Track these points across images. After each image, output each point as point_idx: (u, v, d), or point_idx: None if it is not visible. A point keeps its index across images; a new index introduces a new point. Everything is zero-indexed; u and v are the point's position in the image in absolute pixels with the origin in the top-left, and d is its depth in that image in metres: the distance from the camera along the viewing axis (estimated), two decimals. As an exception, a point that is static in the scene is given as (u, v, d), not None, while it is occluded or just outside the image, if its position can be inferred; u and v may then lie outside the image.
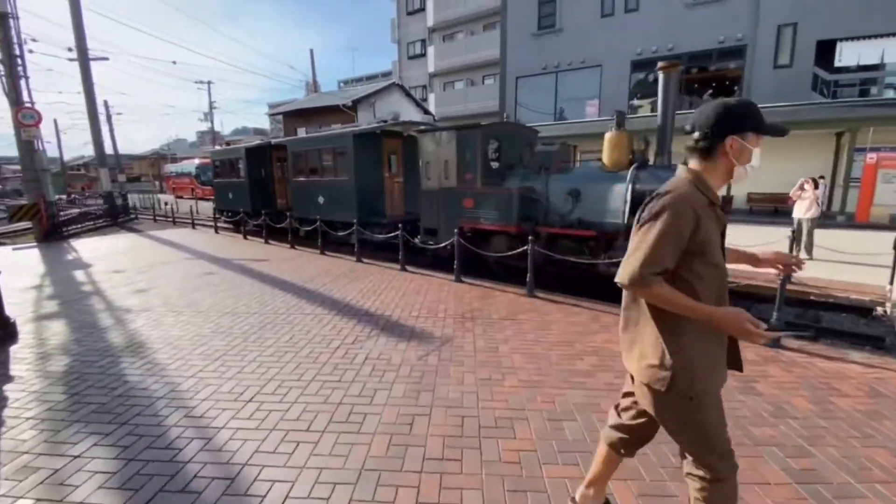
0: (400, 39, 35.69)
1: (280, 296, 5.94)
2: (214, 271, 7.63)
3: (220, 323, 4.88)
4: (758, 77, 17.69)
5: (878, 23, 15.01)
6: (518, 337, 4.33)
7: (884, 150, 13.75)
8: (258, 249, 10.09)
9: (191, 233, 13.68)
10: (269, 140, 12.73)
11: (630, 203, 6.07)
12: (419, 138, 8.10)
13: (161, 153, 62.73)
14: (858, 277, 7.04)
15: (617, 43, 20.57)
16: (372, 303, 5.54)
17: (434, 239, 8.15)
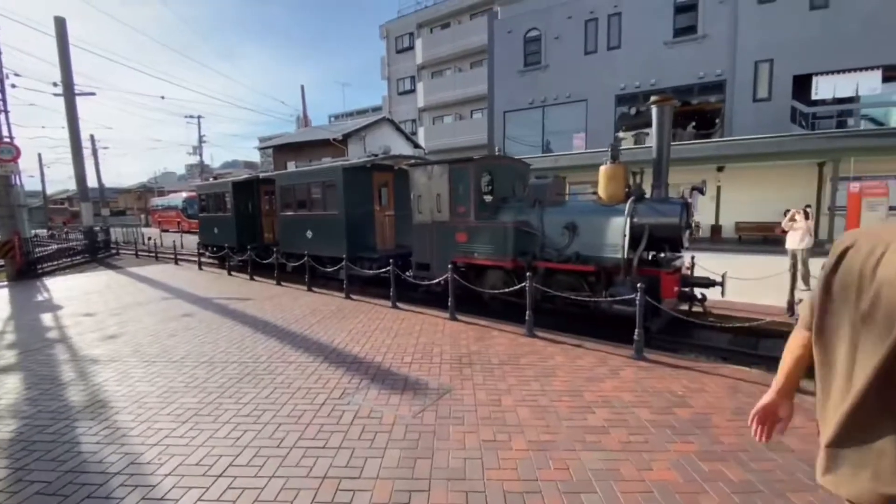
0: (390, 76, 36.50)
1: (262, 340, 5.53)
2: (193, 312, 7.18)
3: (194, 375, 4.45)
4: (738, 110, 18.20)
5: (850, 58, 15.65)
6: (521, 386, 3.99)
7: (866, 179, 14.00)
8: (242, 287, 9.67)
9: (173, 269, 13.19)
10: (256, 174, 12.52)
11: (629, 237, 5.88)
12: (410, 172, 7.94)
13: (148, 186, 62.30)
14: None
15: (601, 78, 21.17)
16: (361, 346, 5.17)
17: (427, 274, 7.86)
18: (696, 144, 17.91)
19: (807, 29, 16.45)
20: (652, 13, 19.62)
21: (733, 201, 17.39)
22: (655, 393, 3.83)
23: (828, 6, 16.02)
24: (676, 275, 5.86)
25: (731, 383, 4.03)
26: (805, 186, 16.18)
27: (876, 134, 14.70)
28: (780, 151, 15.31)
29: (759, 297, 7.50)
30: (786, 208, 15.95)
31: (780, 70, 17.20)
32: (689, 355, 5.43)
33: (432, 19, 32.66)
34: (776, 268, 9.06)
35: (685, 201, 5.85)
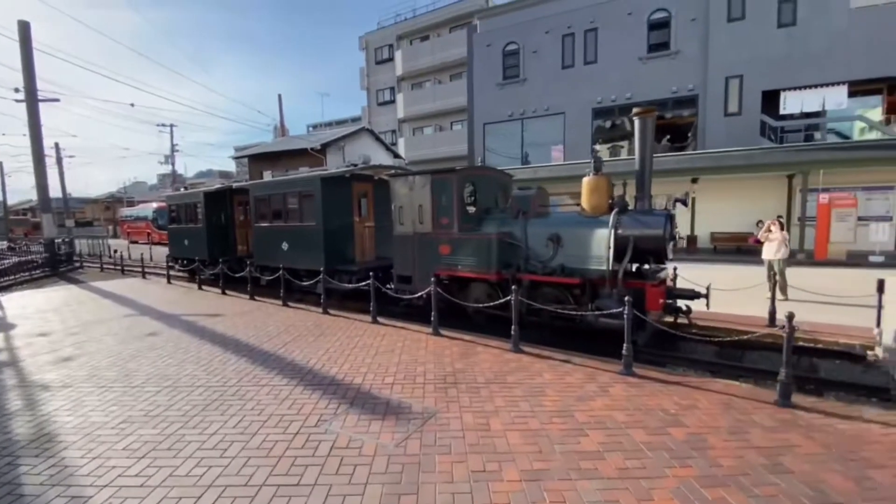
0: (369, 87, 36.42)
1: (232, 361, 5.18)
2: (158, 331, 6.75)
3: (155, 402, 4.09)
4: (711, 124, 18.73)
5: (816, 74, 16.32)
6: (510, 407, 3.79)
7: (834, 191, 14.51)
8: (213, 302, 9.21)
9: (140, 284, 12.56)
10: (230, 184, 12.09)
11: (614, 249, 5.81)
12: (391, 182, 7.74)
13: (117, 196, 60.22)
14: (836, 318, 6.97)
15: (578, 92, 21.54)
16: (340, 367, 4.89)
17: (409, 287, 7.63)
18: (672, 157, 18.30)
19: (774, 46, 17.11)
20: (627, 29, 20.12)
21: (708, 212, 17.76)
22: (648, 411, 3.69)
23: (795, 24, 16.72)
24: (662, 287, 5.81)
25: (722, 399, 3.93)
26: (776, 198, 16.67)
27: (842, 147, 15.30)
28: (751, 164, 15.76)
29: (740, 308, 7.54)
30: (758, 219, 16.51)
31: (749, 85, 17.81)
32: (678, 369, 5.35)
33: (412, 31, 32.81)
34: (753, 277, 9.19)
35: (669, 213, 5.82)
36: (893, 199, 14.70)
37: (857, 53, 15.75)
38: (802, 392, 4.29)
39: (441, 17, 31.02)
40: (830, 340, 5.94)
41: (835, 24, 16.08)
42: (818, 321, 6.79)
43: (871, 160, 14.08)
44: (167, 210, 14.18)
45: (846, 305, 7.65)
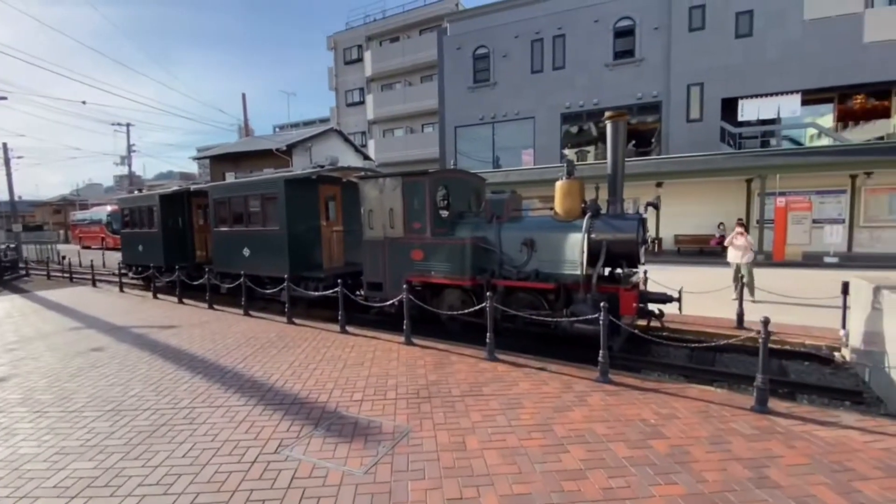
0: (338, 87, 35.75)
1: (185, 379, 4.76)
2: (105, 346, 6.19)
3: (94, 429, 3.66)
4: (674, 130, 19.30)
5: (771, 83, 17.07)
6: (487, 422, 3.59)
7: (790, 194, 15.16)
8: (168, 312, 8.62)
9: (89, 293, 11.69)
10: (187, 186, 11.43)
11: (587, 253, 5.73)
12: (361, 185, 7.44)
13: (69, 199, 56.80)
14: (799, 318, 7.16)
15: (547, 97, 21.78)
16: (304, 383, 4.56)
17: (379, 294, 7.33)
18: (638, 161, 18.72)
19: (732, 55, 17.80)
20: (593, 36, 20.50)
21: (672, 215, 18.23)
22: (628, 423, 3.57)
23: (751, 35, 17.45)
24: (635, 291, 5.77)
25: (700, 407, 3.86)
26: (736, 201, 17.31)
27: (796, 153, 16.05)
28: (712, 168, 16.31)
29: (709, 310, 7.65)
30: (719, 221, 17.09)
31: (709, 93, 18.45)
32: (653, 374, 5.31)
33: (381, 33, 32.45)
34: (717, 279, 9.41)
35: (641, 217, 5.80)
36: (845, 202, 15.50)
37: (810, 63, 16.58)
38: (775, 396, 4.29)
39: (411, 19, 30.81)
40: (797, 342, 6.06)
41: (789, 35, 16.88)
42: (783, 322, 6.96)
43: (823, 165, 14.80)
44: (120, 214, 13.30)
45: (808, 306, 7.88)
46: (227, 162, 24.14)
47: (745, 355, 5.86)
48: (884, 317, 4.41)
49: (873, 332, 4.67)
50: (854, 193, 15.37)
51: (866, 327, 4.89)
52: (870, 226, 15.23)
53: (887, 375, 4.25)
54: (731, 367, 5.61)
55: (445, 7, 29.01)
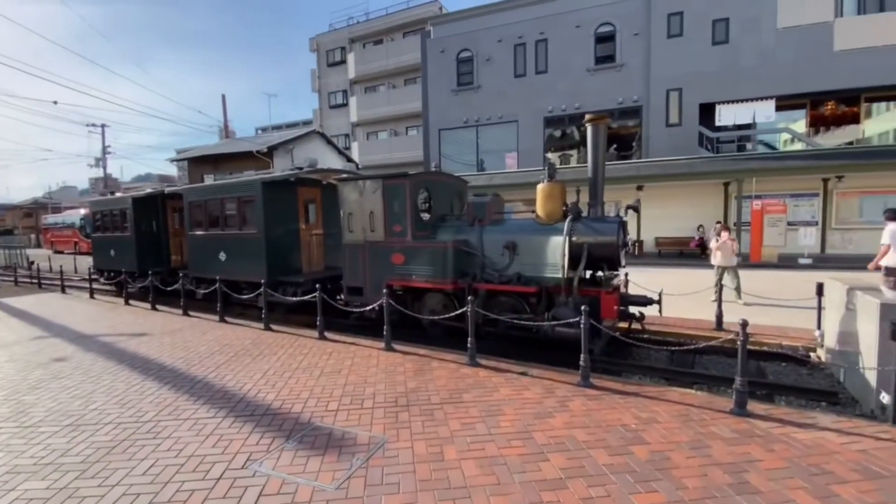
0: (321, 89, 35.40)
1: (152, 390, 4.55)
2: (69, 356, 5.90)
3: (50, 445, 3.45)
4: (654, 134, 19.60)
5: (746, 89, 17.47)
6: (466, 430, 3.50)
7: (766, 197, 15.51)
8: (140, 319, 8.31)
9: (58, 299, 11.23)
10: (162, 188, 11.09)
11: (568, 256, 5.70)
12: (340, 187, 7.29)
13: (41, 202, 54.92)
14: (776, 319, 7.27)
15: (530, 101, 21.92)
16: (278, 392, 4.40)
17: (360, 299, 7.18)
18: (620, 165, 18.95)
19: (710, 62, 18.19)
20: (575, 41, 20.72)
21: (652, 218, 18.49)
22: (609, 428, 3.51)
23: (728, 41, 17.85)
24: (616, 294, 5.76)
25: (681, 410, 3.84)
26: (714, 204, 17.63)
27: (771, 157, 16.44)
28: (691, 172, 16.60)
29: (688, 312, 7.71)
30: (699, 224, 17.39)
31: (688, 98, 18.81)
32: (634, 378, 5.29)
33: (365, 35, 32.27)
34: (697, 281, 9.51)
35: (621, 219, 5.80)
36: (818, 205, 15.93)
37: (784, 70, 17.03)
38: (754, 398, 4.30)
39: (394, 22, 30.72)
40: (774, 343, 6.13)
41: (763, 43, 17.32)
42: (761, 323, 7.05)
43: (796, 169, 15.18)
44: (91, 217, 12.84)
45: (785, 307, 8.00)
46: (205, 164, 23.62)
47: (725, 357, 5.89)
48: (857, 317, 4.47)
49: (847, 333, 4.73)
50: (826, 196, 15.82)
51: (840, 328, 4.96)
52: (841, 228, 15.68)
53: (861, 376, 4.31)
54: (711, 369, 5.64)
55: (429, 10, 29.01)
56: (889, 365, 3.61)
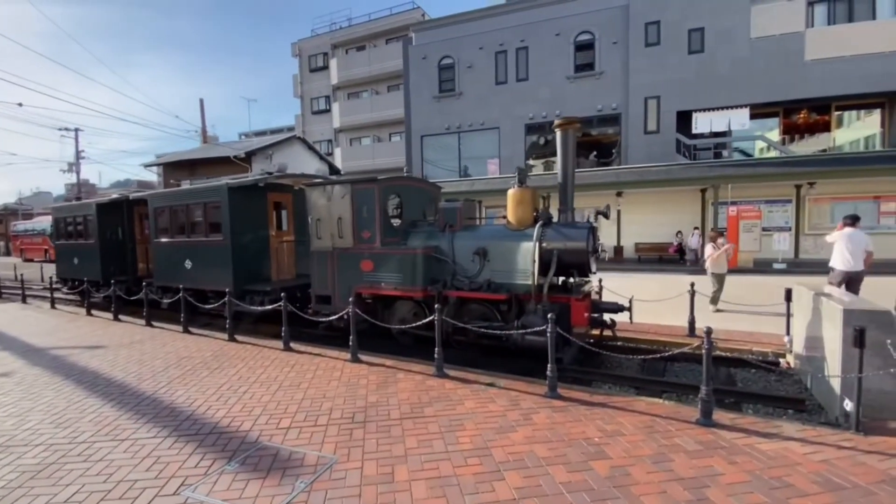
0: (303, 95, 35.10)
1: (94, 408, 4.27)
2: (13, 371, 5.55)
3: (-33, 471, 3.17)
4: (632, 141, 19.82)
5: (722, 97, 17.80)
6: (422, 448, 3.32)
7: (741, 204, 15.74)
8: (100, 330, 7.95)
9: (16, 309, 10.72)
10: (126, 194, 10.72)
11: (538, 262, 5.60)
12: (308, 192, 7.09)
13: (11, 208, 53.19)
14: (750, 325, 7.28)
15: (511, 108, 22.00)
16: (230, 408, 4.17)
17: (328, 308, 6.97)
18: (599, 171, 19.11)
19: (686, 70, 18.50)
20: (555, 49, 20.91)
21: (632, 223, 18.66)
22: (571, 442, 3.38)
23: (703, 51, 18.18)
24: (586, 301, 5.66)
25: (646, 421, 3.73)
26: (692, 210, 17.85)
27: (746, 164, 16.74)
28: (669, 178, 16.79)
29: (662, 317, 7.67)
30: (677, 230, 17.57)
31: (665, 106, 19.08)
32: (604, 387, 5.19)
33: (347, 41, 32.14)
34: (674, 286, 9.51)
35: (591, 225, 5.73)
36: (791, 211, 16.22)
37: (758, 79, 17.40)
38: (722, 406, 4.23)
39: (377, 28, 30.66)
40: (745, 349, 6.10)
41: (738, 53, 17.69)
42: (732, 328, 7.04)
43: (771, 175, 15.47)
44: (53, 224, 12.36)
45: (758, 313, 8.02)
46: (182, 169, 23.07)
47: (697, 364, 5.83)
48: (822, 323, 4.44)
49: (813, 338, 4.70)
50: (799, 203, 16.13)
51: (807, 333, 4.93)
52: (814, 233, 15.99)
53: (826, 382, 4.26)
54: (682, 376, 5.57)
55: (411, 17, 29.04)
56: (852, 372, 3.55)
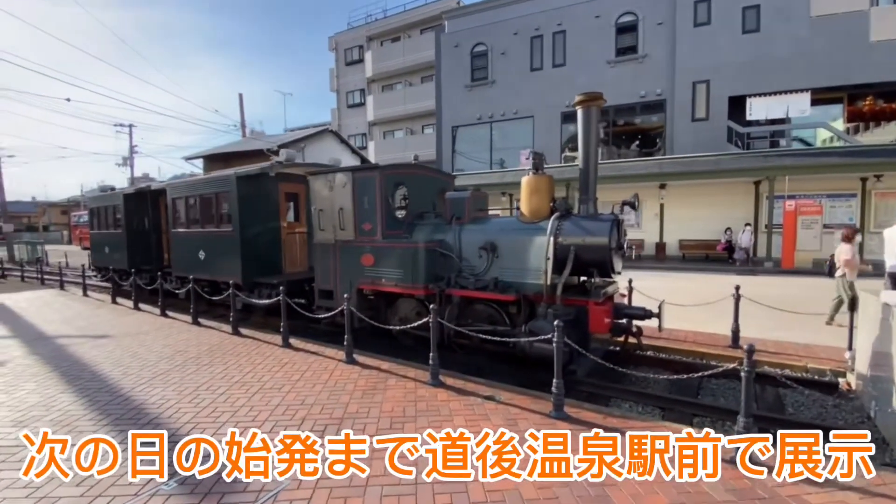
0: (339, 88, 35.34)
1: (64, 404, 4.06)
2: (9, 360, 5.52)
3: None
4: (678, 129, 18.36)
5: (779, 81, 16.09)
6: (389, 477, 2.82)
7: (800, 198, 14.16)
8: (116, 319, 7.99)
9: (51, 296, 11.15)
10: (148, 184, 10.85)
11: (553, 259, 4.94)
12: (311, 181, 6.74)
13: (75, 200, 57.38)
14: (803, 335, 6.28)
15: (547, 95, 20.97)
16: (198, 412, 3.83)
17: (331, 303, 6.61)
18: (639, 162, 17.85)
19: (740, 52, 16.85)
20: (595, 32, 19.69)
21: (676, 219, 17.32)
22: (567, 484, 2.78)
23: (759, 30, 16.49)
24: (608, 304, 4.96)
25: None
26: (744, 204, 16.33)
27: (806, 154, 15.03)
28: (719, 170, 15.36)
29: (705, 325, 6.80)
30: (726, 226, 16.10)
31: (716, 91, 17.51)
32: (623, 406, 4.50)
33: (383, 32, 31.93)
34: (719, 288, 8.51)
35: (615, 218, 5.00)
36: (856, 206, 14.45)
37: (818, 61, 15.60)
38: (766, 439, 3.46)
39: (412, 18, 30.24)
40: (799, 365, 5.19)
41: (797, 32, 15.91)
42: (785, 340, 6.09)
43: (834, 167, 13.79)
44: (88, 214, 12.81)
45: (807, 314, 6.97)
46: (219, 162, 23.66)
47: (738, 381, 4.99)
48: (892, 337, 3.56)
49: (881, 355, 3.82)
50: (864, 197, 14.32)
51: (874, 349, 4.04)
52: (880, 231, 14.12)
53: (894, 414, 3.41)
54: (720, 395, 4.77)
55: (446, 5, 28.37)
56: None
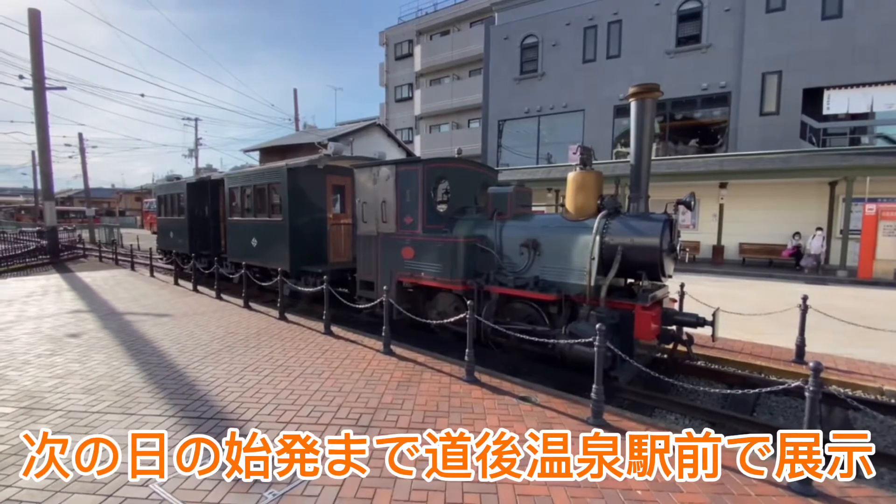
0: (388, 83, 35.89)
1: (127, 376, 4.39)
2: (84, 332, 6.07)
3: (-7, 429, 3.32)
4: (744, 124, 17.09)
5: (864, 71, 14.55)
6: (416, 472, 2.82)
7: (882, 201, 12.80)
8: (178, 300, 8.56)
9: (123, 275, 12.13)
10: (209, 174, 11.52)
11: (598, 260, 4.74)
12: (356, 174, 6.87)
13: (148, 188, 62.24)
14: (879, 353, 5.67)
15: (599, 88, 20.18)
16: (243, 392, 4.01)
17: (372, 294, 6.73)
18: (698, 159, 16.81)
19: (818, 40, 15.39)
20: (654, 21, 18.67)
21: (737, 220, 16.19)
22: (604, 492, 2.66)
23: (841, 16, 14.98)
24: (656, 309, 4.70)
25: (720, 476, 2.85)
26: (815, 207, 15.00)
27: (891, 152, 13.53)
28: (788, 168, 14.16)
29: (767, 337, 6.30)
30: (795, 231, 14.85)
31: (789, 83, 16.10)
32: (669, 417, 4.25)
33: (432, 26, 32.03)
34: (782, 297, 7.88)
35: (668, 218, 4.71)
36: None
37: (912, 48, 13.93)
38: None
39: (462, 11, 30.10)
40: (873, 387, 4.69)
41: (884, 18, 14.27)
42: (857, 357, 5.53)
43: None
44: (156, 201, 13.79)
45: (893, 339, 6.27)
46: (274, 154, 24.76)
47: (801, 399, 4.59)
48: None
49: None
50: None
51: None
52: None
53: None
54: (779, 414, 4.40)
55: (498, -3, 27.97)
56: None
